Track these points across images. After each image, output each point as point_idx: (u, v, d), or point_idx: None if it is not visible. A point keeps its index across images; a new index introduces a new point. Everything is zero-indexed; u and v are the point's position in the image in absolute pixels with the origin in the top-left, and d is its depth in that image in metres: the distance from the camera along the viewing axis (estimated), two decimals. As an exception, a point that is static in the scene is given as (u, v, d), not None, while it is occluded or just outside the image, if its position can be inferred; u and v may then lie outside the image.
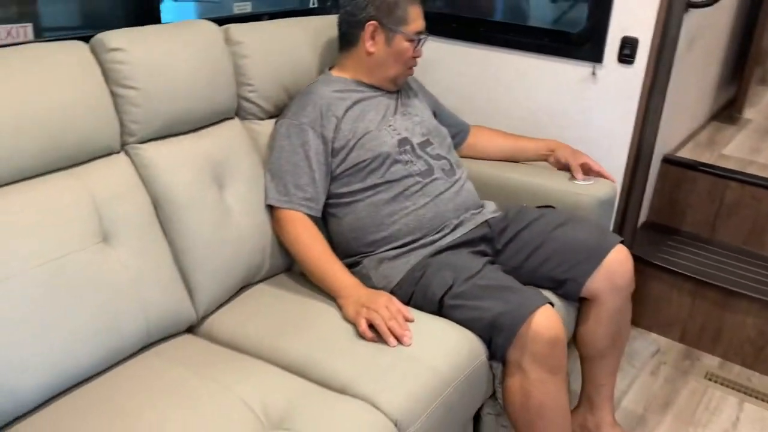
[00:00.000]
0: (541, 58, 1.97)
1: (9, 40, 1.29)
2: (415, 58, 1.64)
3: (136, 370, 1.23)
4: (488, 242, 1.56)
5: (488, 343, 1.34)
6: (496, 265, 1.50)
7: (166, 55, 1.37)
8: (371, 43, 1.60)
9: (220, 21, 1.57)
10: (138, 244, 1.27)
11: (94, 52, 1.29)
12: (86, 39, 1.31)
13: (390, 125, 1.60)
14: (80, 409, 1.12)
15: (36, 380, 1.08)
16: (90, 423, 1.08)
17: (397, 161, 1.55)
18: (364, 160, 1.54)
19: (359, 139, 1.55)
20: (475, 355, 1.31)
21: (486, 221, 1.58)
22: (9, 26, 1.29)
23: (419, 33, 1.62)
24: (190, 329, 1.40)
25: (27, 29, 1.32)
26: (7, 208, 1.11)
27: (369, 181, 1.55)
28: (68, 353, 1.12)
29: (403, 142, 1.58)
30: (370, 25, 1.58)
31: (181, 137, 1.42)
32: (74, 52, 1.26)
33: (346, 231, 1.56)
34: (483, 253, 1.52)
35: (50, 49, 1.24)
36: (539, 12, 2.28)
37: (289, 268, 1.60)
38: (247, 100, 1.60)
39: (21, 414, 1.08)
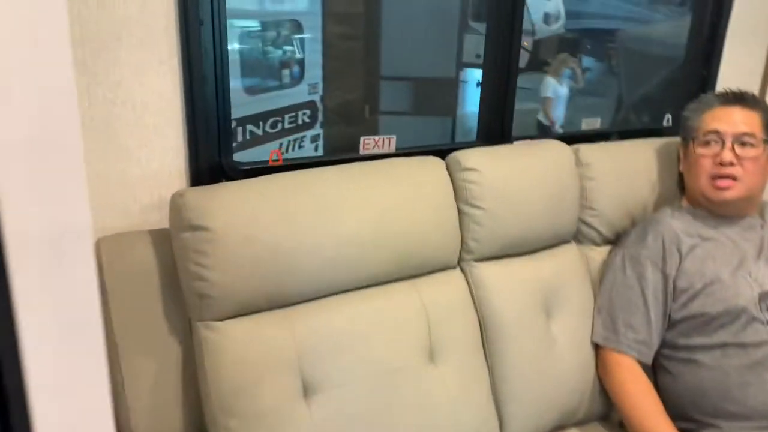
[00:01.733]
0: None
1: (375, 150, 1.40)
2: (720, 164, 1.37)
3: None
4: None
5: None
6: None
7: (516, 177, 1.34)
8: (682, 162, 1.51)
9: (566, 138, 1.52)
10: (459, 364, 1.24)
11: (449, 169, 1.33)
12: (436, 152, 1.36)
13: (749, 274, 1.35)
14: None
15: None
16: None
17: (755, 319, 1.30)
18: (712, 312, 1.32)
19: (707, 285, 1.34)
20: None
21: None
22: (377, 137, 1.40)
23: (711, 132, 1.40)
24: (494, 463, 1.32)
25: (392, 141, 1.41)
26: (356, 312, 1.17)
27: (716, 338, 1.32)
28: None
29: (766, 296, 1.33)
30: (679, 146, 1.52)
31: (517, 259, 1.38)
32: (431, 168, 1.30)
33: (681, 390, 1.34)
34: None
35: (410, 164, 1.30)
36: None
37: (606, 416, 1.43)
38: (587, 224, 1.50)
39: None
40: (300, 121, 3.14)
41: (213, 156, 1.20)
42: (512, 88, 1.47)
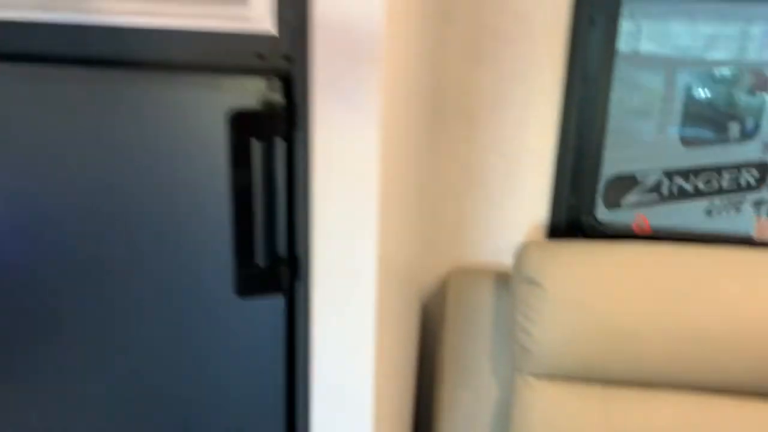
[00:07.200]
0: None
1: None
2: None
3: None
4: None
5: None
6: None
7: None
8: None
9: None
10: None
11: None
12: None
13: None
14: None
15: None
16: None
17: None
18: None
19: None
20: None
21: None
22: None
23: None
24: None
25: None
26: (689, 416, 1.01)
27: None
28: None
29: None
30: None
31: None
32: None
33: None
34: None
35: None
36: None
37: None
38: None
39: None
40: (742, 182, 2.73)
41: (574, 211, 1.19)
42: None
